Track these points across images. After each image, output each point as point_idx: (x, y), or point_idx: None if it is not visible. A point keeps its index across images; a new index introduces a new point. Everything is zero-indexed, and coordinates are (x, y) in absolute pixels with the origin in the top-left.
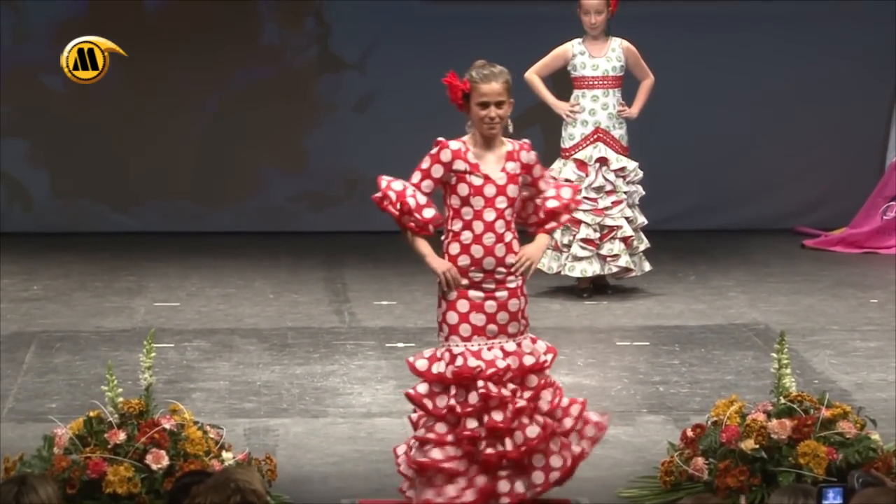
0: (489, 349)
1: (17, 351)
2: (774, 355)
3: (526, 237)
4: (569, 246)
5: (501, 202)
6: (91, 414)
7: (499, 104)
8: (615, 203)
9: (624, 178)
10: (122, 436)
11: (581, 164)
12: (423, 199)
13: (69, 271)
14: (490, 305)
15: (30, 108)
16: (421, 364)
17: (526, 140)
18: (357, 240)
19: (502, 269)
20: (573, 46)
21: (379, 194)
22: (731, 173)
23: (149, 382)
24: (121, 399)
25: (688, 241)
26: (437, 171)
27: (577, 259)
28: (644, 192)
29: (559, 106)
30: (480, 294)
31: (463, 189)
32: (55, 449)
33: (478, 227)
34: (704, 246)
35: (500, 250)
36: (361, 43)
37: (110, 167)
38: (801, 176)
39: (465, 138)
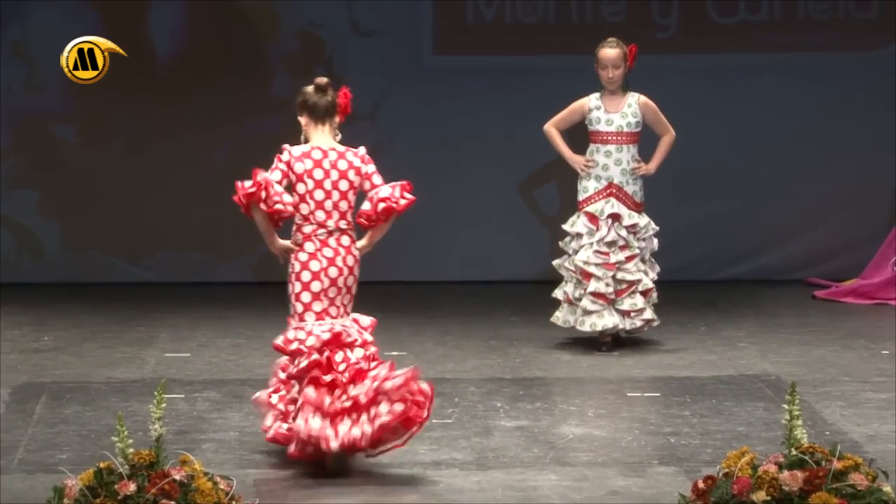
0: None
1: (27, 402)
2: (785, 406)
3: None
4: (580, 299)
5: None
6: (101, 465)
7: None
8: (629, 258)
9: (635, 234)
10: (132, 487)
11: (592, 218)
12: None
13: (79, 322)
14: None
15: (41, 158)
16: None
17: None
18: (366, 290)
19: None
20: (590, 100)
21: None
22: (742, 224)
23: (159, 433)
24: (131, 450)
25: (698, 292)
26: None
27: (587, 313)
28: (656, 248)
29: (575, 160)
30: None
31: None
32: (65, 500)
33: None
34: (715, 297)
35: None
36: (372, 94)
37: (121, 218)
38: (811, 227)
39: None
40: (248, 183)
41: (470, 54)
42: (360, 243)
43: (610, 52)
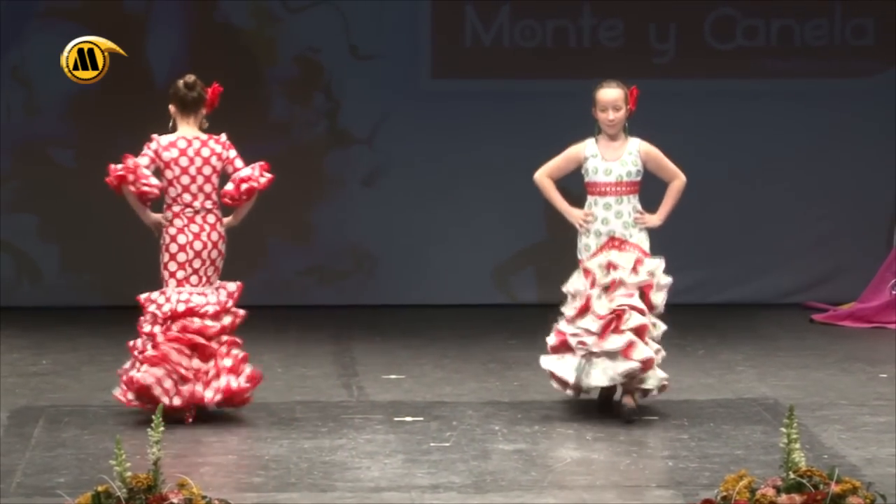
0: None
1: (25, 425)
2: (784, 430)
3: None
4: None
5: None
6: (99, 488)
7: None
8: (618, 294)
9: (643, 272)
10: None
11: (587, 273)
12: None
13: (78, 345)
14: None
15: (39, 182)
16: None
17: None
18: (365, 314)
19: None
20: (586, 148)
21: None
22: (740, 248)
23: (157, 457)
24: (129, 473)
25: (697, 316)
26: None
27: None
28: (663, 302)
29: (572, 214)
30: None
31: None
32: None
33: None
34: (713, 320)
35: None
36: (370, 118)
37: (120, 241)
38: (809, 251)
39: None
40: (118, 166)
41: (468, 78)
42: (227, 220)
43: (610, 92)
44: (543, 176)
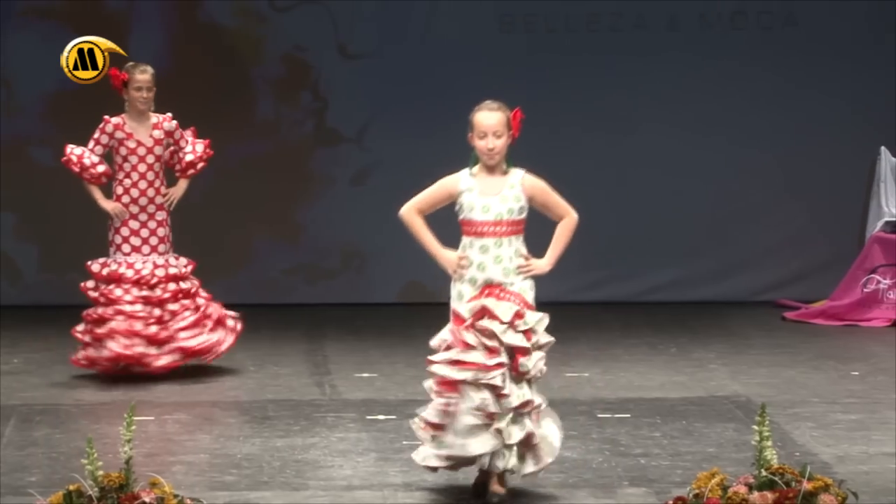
0: (143, 262)
1: None
2: (755, 427)
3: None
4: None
5: (150, 158)
6: (71, 487)
7: (148, 89)
8: (495, 366)
9: (525, 333)
10: None
11: (458, 319)
12: (95, 159)
13: (50, 344)
14: (146, 231)
15: (18, 181)
16: (95, 267)
17: (168, 114)
18: (338, 312)
19: (153, 205)
20: (460, 181)
21: (64, 157)
22: (712, 246)
23: (129, 455)
24: (101, 472)
25: (669, 314)
26: (104, 139)
27: (467, 432)
28: (544, 368)
29: (444, 257)
30: (137, 223)
31: (122, 150)
32: None
33: (134, 175)
34: (685, 318)
35: (150, 192)
36: (359, 117)
37: (99, 241)
38: (781, 249)
39: (124, 115)
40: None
41: (458, 76)
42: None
43: (490, 116)
44: (411, 211)
